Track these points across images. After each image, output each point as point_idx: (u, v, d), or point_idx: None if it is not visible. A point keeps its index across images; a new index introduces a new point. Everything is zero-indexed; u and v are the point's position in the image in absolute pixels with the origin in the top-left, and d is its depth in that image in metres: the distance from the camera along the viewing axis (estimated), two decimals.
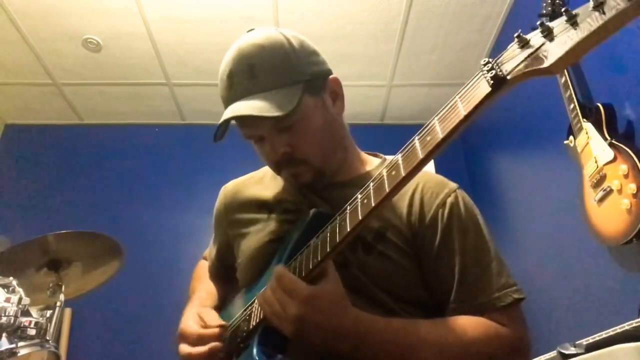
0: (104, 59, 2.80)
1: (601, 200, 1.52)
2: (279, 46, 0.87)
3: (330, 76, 0.95)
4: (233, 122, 0.87)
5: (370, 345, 0.74)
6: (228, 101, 0.88)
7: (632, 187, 1.38)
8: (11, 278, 1.41)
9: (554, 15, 1.82)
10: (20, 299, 1.34)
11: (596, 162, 1.55)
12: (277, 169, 0.95)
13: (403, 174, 0.66)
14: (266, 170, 1.12)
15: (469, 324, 0.80)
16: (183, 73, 2.94)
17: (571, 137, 1.72)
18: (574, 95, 1.70)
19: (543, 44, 0.53)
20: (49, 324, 1.53)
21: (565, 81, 1.73)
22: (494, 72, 0.56)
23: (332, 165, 0.96)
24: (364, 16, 2.57)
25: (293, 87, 0.85)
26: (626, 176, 1.41)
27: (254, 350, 0.80)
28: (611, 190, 1.47)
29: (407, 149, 0.68)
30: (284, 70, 0.86)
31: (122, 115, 3.30)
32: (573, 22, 0.50)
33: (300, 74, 0.87)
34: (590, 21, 0.48)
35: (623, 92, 1.60)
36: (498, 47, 2.73)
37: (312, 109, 0.89)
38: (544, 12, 1.83)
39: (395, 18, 2.59)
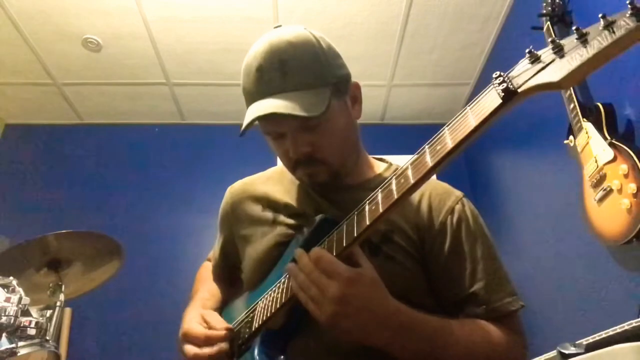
0: (104, 59, 2.79)
1: (601, 200, 1.52)
2: (310, 46, 0.88)
3: (352, 81, 0.97)
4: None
5: (407, 339, 0.73)
6: (255, 95, 0.87)
7: (632, 186, 1.38)
8: (11, 278, 1.41)
9: (554, 15, 1.83)
10: (20, 299, 1.34)
11: (596, 161, 1.55)
12: (293, 167, 0.94)
13: (412, 181, 0.66)
14: (273, 172, 1.12)
15: (489, 328, 0.82)
16: (183, 73, 2.94)
17: (571, 137, 1.72)
18: (574, 95, 1.70)
19: (553, 60, 0.55)
20: (49, 324, 1.53)
21: None
22: (505, 85, 0.58)
23: (347, 168, 0.97)
24: (364, 16, 2.57)
25: (322, 89, 0.86)
26: (626, 176, 1.41)
27: (255, 351, 0.81)
28: (611, 190, 1.47)
29: (416, 158, 0.68)
30: (315, 71, 0.87)
31: (122, 115, 3.30)
32: (583, 40, 0.52)
33: (328, 76, 0.88)
34: (600, 39, 0.50)
35: (623, 92, 1.60)
36: (498, 47, 2.73)
37: (336, 111, 0.90)
38: (544, 12, 1.83)
39: (395, 18, 2.59)
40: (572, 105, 1.69)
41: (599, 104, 1.60)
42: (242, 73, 0.91)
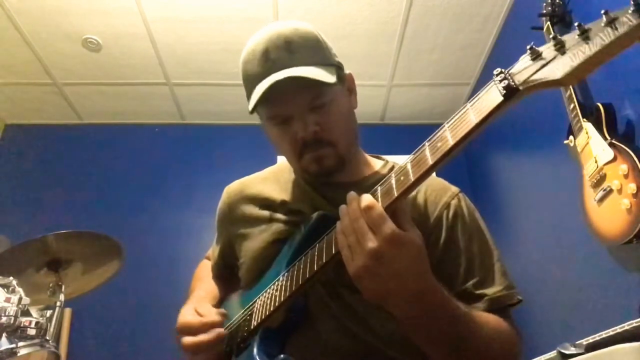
0: (104, 59, 2.80)
1: (601, 200, 1.52)
2: (310, 30, 0.91)
3: (347, 71, 0.98)
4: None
5: (433, 320, 0.70)
6: (262, 75, 0.86)
7: (632, 187, 1.38)
8: (11, 278, 1.41)
9: (553, 15, 1.83)
10: (20, 299, 1.34)
11: (596, 162, 1.55)
12: (300, 152, 0.92)
13: (412, 179, 0.66)
14: (269, 172, 1.12)
15: (497, 320, 0.81)
16: (183, 73, 2.94)
17: (571, 137, 1.72)
18: (574, 95, 1.70)
19: (555, 57, 0.54)
20: (49, 324, 1.53)
21: None
22: (506, 82, 0.57)
23: (350, 157, 0.96)
24: (364, 16, 2.57)
25: (328, 67, 0.88)
26: (626, 176, 1.41)
27: (254, 350, 0.80)
28: (611, 190, 1.47)
29: (416, 155, 0.67)
30: (319, 51, 0.89)
31: (122, 115, 3.30)
32: (585, 36, 0.51)
33: (331, 58, 0.91)
34: (602, 36, 0.49)
35: (623, 92, 1.60)
36: (498, 47, 2.73)
37: (340, 94, 0.93)
38: (544, 12, 1.83)
39: (395, 18, 2.59)
40: (572, 105, 1.69)
41: (599, 104, 1.60)
42: (244, 61, 0.91)
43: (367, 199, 0.68)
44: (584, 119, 1.63)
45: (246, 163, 1.30)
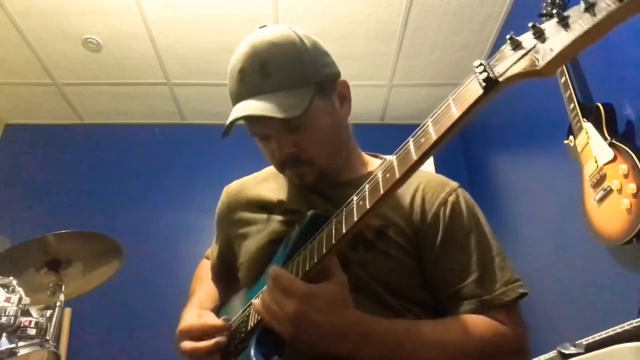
0: (104, 59, 2.80)
1: (601, 200, 1.52)
2: (292, 46, 0.87)
3: (340, 79, 0.96)
4: (240, 121, 0.87)
5: (372, 346, 0.73)
6: (237, 97, 0.89)
7: (632, 187, 1.38)
8: (11, 278, 1.41)
9: (554, 15, 1.80)
10: (20, 299, 1.34)
11: (596, 161, 1.55)
12: (282, 167, 0.95)
13: (397, 175, 0.66)
14: (269, 171, 1.12)
15: (472, 324, 0.80)
16: (183, 73, 2.94)
17: (571, 137, 1.72)
18: (574, 95, 1.70)
19: (535, 46, 0.53)
20: (49, 324, 1.53)
21: (565, 81, 1.73)
22: (486, 74, 0.57)
23: (336, 167, 0.97)
24: (364, 16, 2.57)
25: (304, 89, 0.85)
26: (626, 176, 1.41)
27: (252, 352, 0.80)
28: (611, 190, 1.47)
29: (401, 151, 0.68)
30: (296, 71, 0.86)
31: (122, 115, 3.30)
32: (564, 23, 0.50)
33: (311, 75, 0.88)
34: (581, 22, 0.48)
35: (623, 92, 1.60)
36: (498, 47, 2.70)
37: (321, 111, 0.90)
38: (544, 12, 1.83)
39: (395, 18, 2.59)
40: (572, 105, 1.69)
41: (599, 104, 1.60)
42: (228, 75, 0.93)
43: (273, 271, 0.75)
44: (584, 119, 1.63)
45: (246, 163, 1.30)
